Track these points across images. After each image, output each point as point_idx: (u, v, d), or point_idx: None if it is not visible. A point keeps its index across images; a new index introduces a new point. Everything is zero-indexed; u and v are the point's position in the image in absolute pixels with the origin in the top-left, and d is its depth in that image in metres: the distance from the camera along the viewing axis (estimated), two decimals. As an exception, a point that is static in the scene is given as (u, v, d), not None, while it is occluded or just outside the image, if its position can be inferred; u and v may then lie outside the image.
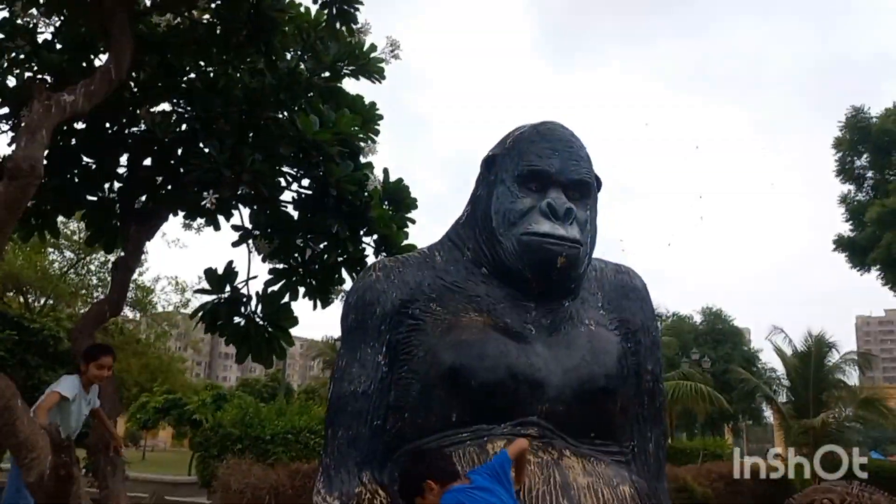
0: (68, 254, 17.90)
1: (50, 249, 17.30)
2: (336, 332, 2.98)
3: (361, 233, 5.58)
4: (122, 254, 5.36)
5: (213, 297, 5.50)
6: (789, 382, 24.74)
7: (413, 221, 5.86)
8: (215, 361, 78.81)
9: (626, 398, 2.82)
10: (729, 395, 31.66)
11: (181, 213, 5.87)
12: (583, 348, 2.76)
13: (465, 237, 2.98)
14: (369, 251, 5.59)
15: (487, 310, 2.79)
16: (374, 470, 2.66)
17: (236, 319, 5.63)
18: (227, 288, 5.55)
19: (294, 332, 6.01)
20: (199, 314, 5.43)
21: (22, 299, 16.41)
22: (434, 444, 2.57)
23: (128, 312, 19.39)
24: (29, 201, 3.95)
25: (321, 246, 5.76)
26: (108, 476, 4.30)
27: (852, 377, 24.76)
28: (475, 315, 2.77)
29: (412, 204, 5.80)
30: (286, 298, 5.72)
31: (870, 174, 22.18)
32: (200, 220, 5.97)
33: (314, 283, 5.81)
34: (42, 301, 16.76)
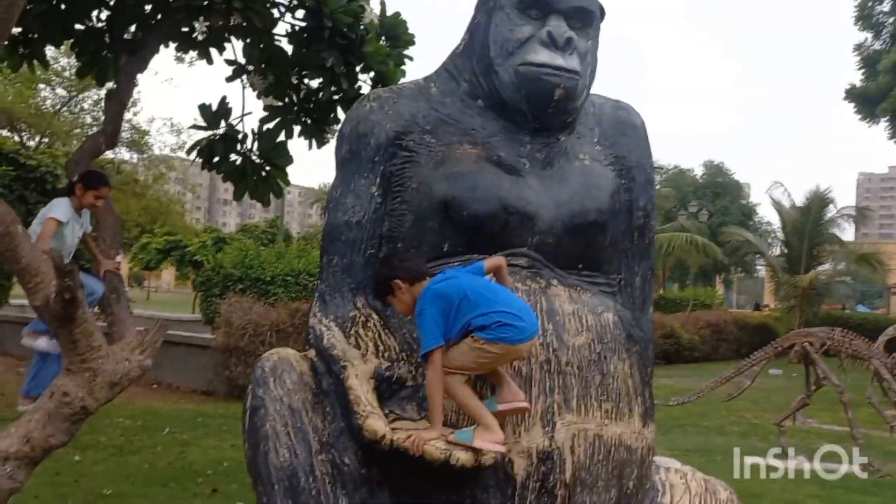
0: (60, 91, 17.57)
1: (42, 86, 16.96)
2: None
3: (358, 70, 5.45)
4: (114, 86, 5.26)
5: (209, 133, 5.46)
6: (784, 237, 25.16)
7: (410, 59, 5.71)
8: (214, 207, 79.42)
9: (615, 233, 2.86)
10: (723, 248, 32.20)
11: (173, 46, 5.71)
12: (575, 183, 2.77)
13: (462, 68, 2.90)
14: (365, 89, 5.48)
15: (482, 143, 2.77)
16: (368, 295, 2.74)
17: (232, 157, 5.62)
18: (223, 124, 5.51)
19: (292, 179, 6.02)
20: (196, 150, 5.41)
21: (17, 137, 16.27)
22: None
23: (124, 154, 19.32)
24: (14, 22, 3.81)
25: (316, 82, 5.65)
26: (113, 302, 4.43)
27: (847, 232, 25.17)
28: (469, 148, 2.76)
29: (409, 40, 5.63)
30: (282, 137, 5.69)
31: (890, 21, 21.41)
32: (193, 53, 5.82)
33: (309, 121, 5.75)
34: (37, 139, 16.62)
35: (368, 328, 2.65)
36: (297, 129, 5.84)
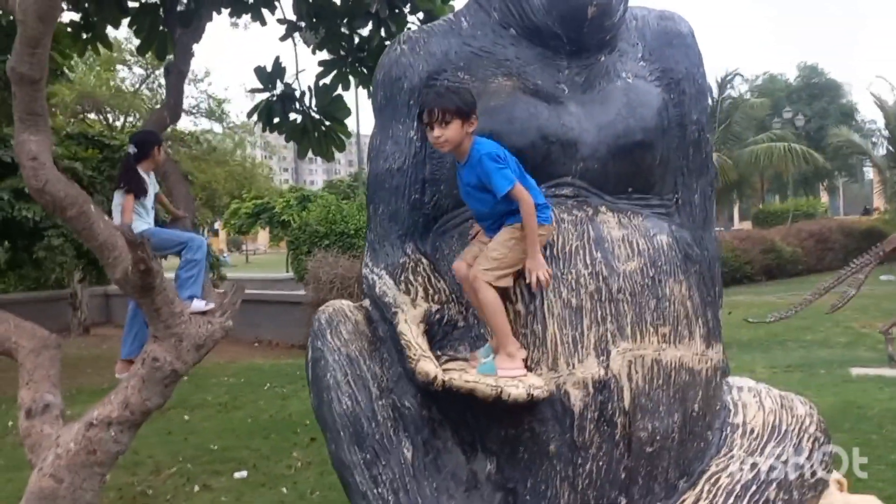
0: (138, 70, 18.18)
1: (119, 67, 17.58)
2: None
3: (406, 11, 5.38)
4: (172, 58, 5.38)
5: (267, 94, 5.54)
6: (888, 133, 23.59)
7: (457, -6, 5.58)
8: (300, 167, 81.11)
9: (666, 151, 2.73)
10: (824, 153, 30.56)
11: (226, 12, 5.77)
12: (618, 103, 2.65)
13: (491, -3, 2.80)
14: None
15: (517, 73, 2.69)
16: (416, 241, 2.74)
17: (292, 116, 5.69)
18: (279, 84, 5.57)
19: (365, 131, 6.05)
20: (255, 113, 5.50)
21: (103, 120, 17.01)
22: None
23: (205, 124, 19.91)
24: (61, 10, 3.93)
25: (367, 30, 5.61)
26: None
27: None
28: (504, 80, 2.68)
29: (455, -24, 5.49)
30: (339, 90, 5.71)
31: None
32: (246, 17, 5.88)
33: (365, 70, 5.73)
34: (122, 119, 17.34)
35: (418, 273, 2.65)
36: (353, 80, 5.85)
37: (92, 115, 17.05)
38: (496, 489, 2.41)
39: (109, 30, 5.99)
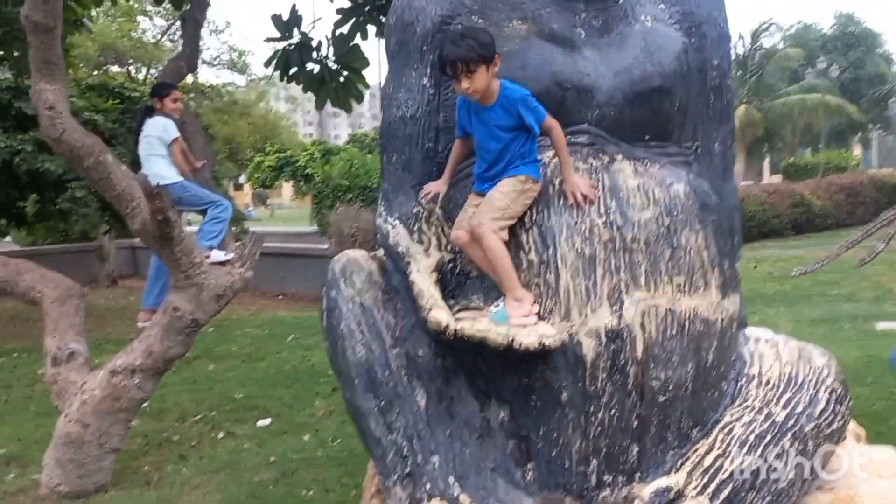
0: (159, 21, 18.11)
1: (141, 18, 17.51)
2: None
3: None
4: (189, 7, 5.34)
5: (284, 43, 5.48)
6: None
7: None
8: (325, 121, 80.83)
9: (686, 97, 2.66)
10: (858, 105, 29.79)
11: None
12: (636, 47, 2.58)
13: (506, -63, 2.71)
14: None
15: (532, 17, 2.62)
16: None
17: (309, 66, 5.64)
18: (296, 33, 5.51)
19: None
20: (273, 62, 5.45)
21: (125, 71, 17.01)
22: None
23: (227, 76, 19.85)
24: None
25: (385, -22, 5.50)
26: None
27: None
28: (518, 24, 2.61)
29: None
30: (357, 39, 5.63)
31: None
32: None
33: (384, 19, 5.64)
34: (144, 71, 17.35)
35: (431, 223, 2.64)
36: (372, 29, 5.76)
37: (115, 68, 17.08)
38: (509, 436, 2.42)
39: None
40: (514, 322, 2.26)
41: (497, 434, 2.44)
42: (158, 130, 4.57)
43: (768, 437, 2.39)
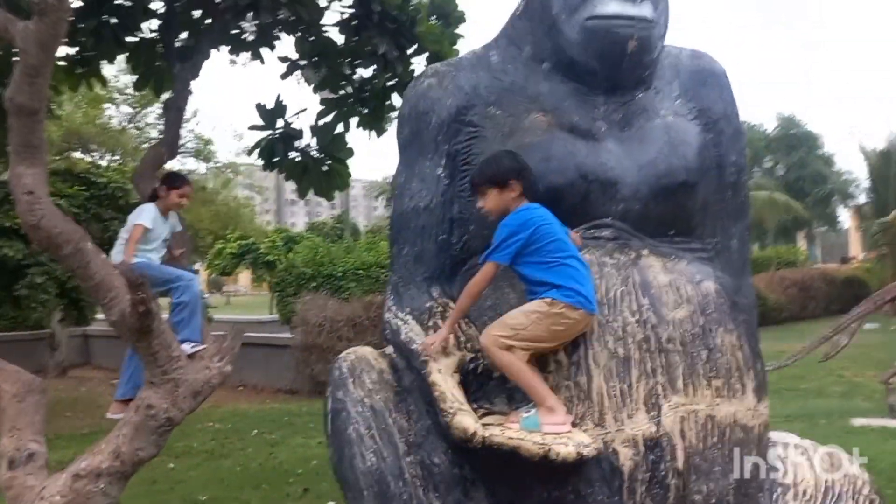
0: (125, 108, 18.03)
1: (106, 105, 17.41)
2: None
3: (410, 52, 5.29)
4: (171, 95, 5.24)
5: (267, 132, 5.40)
6: (870, 182, 23.96)
7: (462, 37, 5.52)
8: (283, 208, 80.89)
9: (707, 193, 2.61)
10: (803, 202, 30.93)
11: (225, 49, 5.67)
12: (659, 141, 2.53)
13: (523, 31, 2.69)
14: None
15: (551, 109, 2.56)
16: (444, 284, 2.58)
17: (292, 154, 5.55)
18: (280, 123, 5.44)
19: (355, 174, 5.93)
20: (257, 150, 5.36)
21: (89, 157, 16.77)
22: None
23: (191, 164, 19.74)
24: (61, 39, 3.79)
25: (369, 71, 5.52)
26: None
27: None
28: (538, 115, 2.55)
29: (460, 17, 5.44)
30: (339, 129, 5.59)
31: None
32: (245, 54, 5.78)
33: (366, 111, 5.64)
34: (108, 157, 17.10)
35: (446, 318, 2.48)
36: (354, 121, 5.74)
37: (78, 154, 16.82)
38: (536, 557, 2.21)
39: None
40: (548, 430, 2.09)
41: (522, 553, 2.23)
42: (134, 214, 4.40)
43: (812, 555, 2.23)
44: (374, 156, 17.79)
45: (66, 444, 7.12)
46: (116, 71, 13.42)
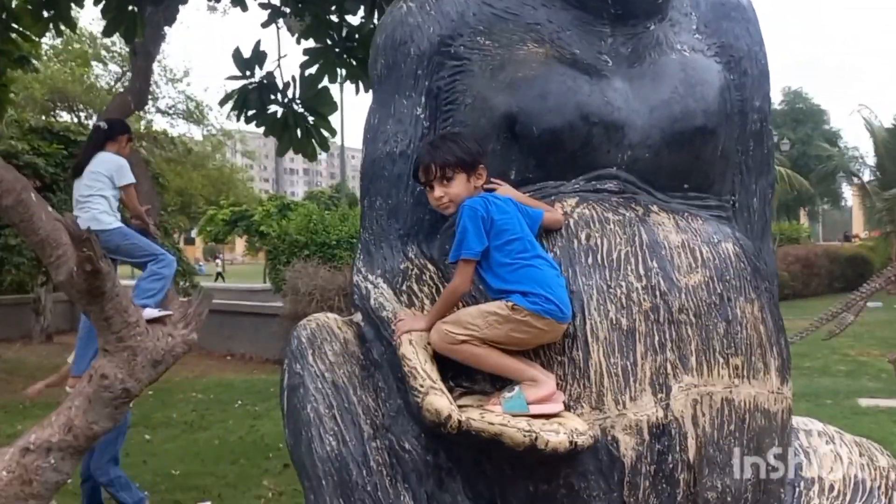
0: (114, 67, 17.52)
1: (94, 63, 16.92)
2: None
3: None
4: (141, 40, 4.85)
5: (244, 82, 5.02)
6: (876, 158, 23.51)
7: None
8: (281, 177, 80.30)
9: (727, 142, 2.26)
10: (807, 178, 30.53)
11: (203, -4, 5.26)
12: (674, 79, 2.17)
13: (518, -51, 2.31)
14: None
15: (550, 39, 2.19)
16: (421, 243, 2.23)
17: (272, 109, 5.17)
18: (259, 72, 5.06)
19: (353, 142, 5.57)
20: (230, 102, 4.98)
21: (75, 118, 16.33)
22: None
23: (182, 126, 19.28)
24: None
25: (358, 17, 5.12)
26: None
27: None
28: (534, 47, 2.18)
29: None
30: (325, 82, 5.20)
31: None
32: (225, 1, 5.37)
33: (354, 62, 5.24)
34: (94, 118, 16.65)
35: (423, 282, 2.14)
36: (342, 72, 5.35)
37: (64, 114, 16.37)
38: (520, 559, 1.88)
39: (85, 20, 5.48)
40: (536, 410, 1.76)
41: (504, 555, 1.91)
42: (111, 169, 3.99)
43: (843, 561, 1.91)
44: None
45: (43, 412, 6.80)
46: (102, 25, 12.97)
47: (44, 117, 13.34)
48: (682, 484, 1.80)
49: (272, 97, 5.01)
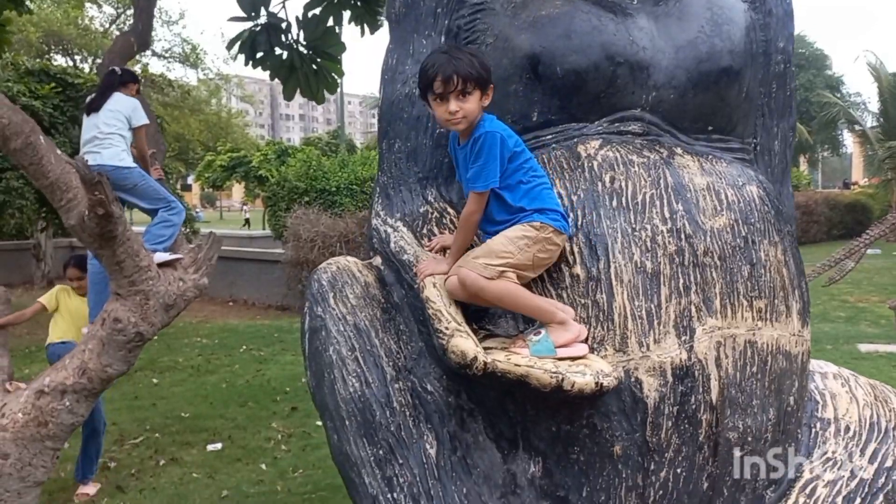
0: (108, 9, 17.13)
1: (88, 5, 16.54)
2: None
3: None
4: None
5: (249, 24, 4.92)
6: (880, 104, 23.28)
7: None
8: (277, 123, 79.47)
9: (752, 83, 2.22)
10: (808, 126, 30.32)
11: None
12: (700, 18, 2.12)
13: None
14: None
15: (573, -24, 2.14)
16: (441, 186, 2.21)
17: (278, 51, 5.08)
18: (263, 13, 4.95)
19: (350, 89, 5.48)
20: (237, 45, 4.88)
21: (70, 61, 16.02)
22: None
23: (178, 70, 18.96)
24: None
25: (364, -43, 4.99)
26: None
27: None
28: (557, -16, 2.13)
29: None
30: (329, 23, 5.10)
31: None
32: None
33: (359, 3, 5.12)
34: (90, 61, 16.35)
35: (444, 225, 2.13)
36: (346, 14, 5.24)
37: (59, 57, 16.04)
38: (541, 496, 1.92)
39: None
40: (563, 353, 1.77)
41: (525, 493, 1.94)
42: (128, 109, 3.98)
43: (858, 499, 1.95)
44: (371, 67, 17.10)
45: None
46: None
47: (38, 60, 13.09)
48: (705, 424, 1.82)
49: (278, 39, 4.91)
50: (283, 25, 4.94)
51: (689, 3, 2.15)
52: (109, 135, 3.84)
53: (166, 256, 3.75)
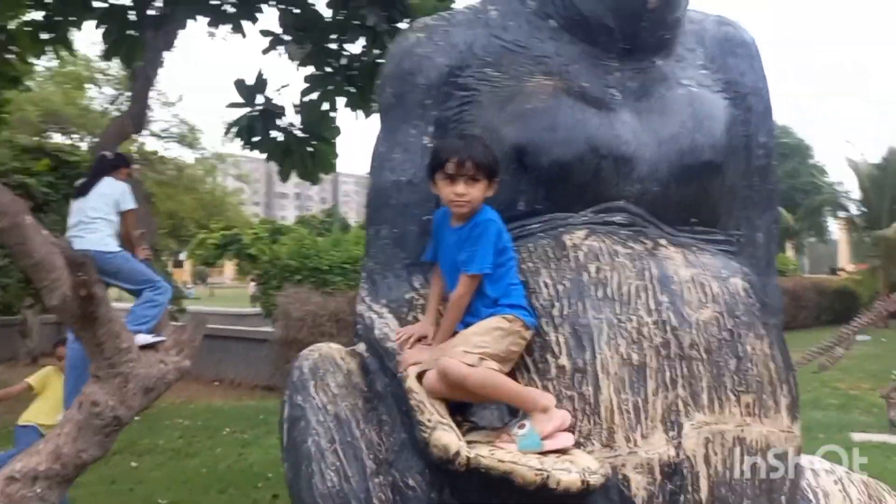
0: (109, 90, 17.50)
1: (88, 86, 16.89)
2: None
3: (402, 26, 4.91)
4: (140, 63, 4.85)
5: (247, 109, 5.02)
6: (862, 194, 23.75)
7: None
8: (272, 201, 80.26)
9: (733, 177, 2.26)
10: (794, 213, 30.82)
11: (203, 21, 5.27)
12: (682, 113, 2.17)
13: (527, -18, 2.32)
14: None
15: (558, 72, 2.19)
16: (427, 273, 2.20)
17: (273, 134, 5.17)
18: (260, 99, 5.06)
19: (346, 168, 5.57)
20: (235, 129, 4.97)
21: (68, 140, 16.26)
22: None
23: (176, 149, 19.24)
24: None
25: (358, 46, 5.14)
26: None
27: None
28: (543, 79, 2.18)
29: (456, -14, 5.06)
30: (325, 107, 5.21)
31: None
32: (225, 27, 5.38)
33: (353, 90, 5.25)
34: (88, 140, 16.57)
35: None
36: (342, 101, 5.36)
37: (57, 136, 16.29)
38: None
39: (81, 43, 5.48)
40: (549, 445, 1.73)
41: None
42: (117, 193, 4.03)
43: None
44: (366, 148, 17.32)
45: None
46: (98, 48, 12.92)
47: (36, 139, 13.27)
48: (694, 524, 1.77)
49: (274, 123, 5.01)
50: (280, 111, 5.04)
51: (671, 99, 2.20)
52: (95, 219, 3.88)
53: (148, 339, 3.71)
